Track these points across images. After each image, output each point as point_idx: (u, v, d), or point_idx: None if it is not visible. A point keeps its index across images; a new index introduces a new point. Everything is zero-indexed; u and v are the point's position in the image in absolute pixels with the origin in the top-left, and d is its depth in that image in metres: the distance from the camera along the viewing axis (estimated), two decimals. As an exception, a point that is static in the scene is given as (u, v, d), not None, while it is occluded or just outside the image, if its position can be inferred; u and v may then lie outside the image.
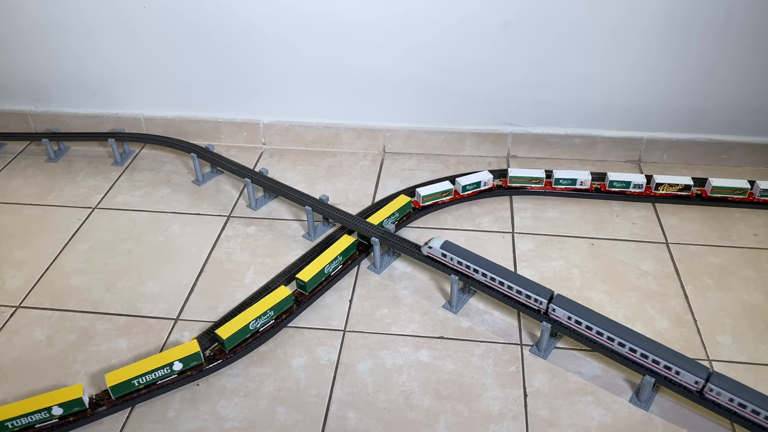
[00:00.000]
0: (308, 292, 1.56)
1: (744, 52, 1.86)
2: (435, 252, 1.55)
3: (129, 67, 2.13)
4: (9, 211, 1.95)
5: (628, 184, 1.87)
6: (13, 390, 1.40)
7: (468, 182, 1.88)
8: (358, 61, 2.01)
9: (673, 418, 1.32)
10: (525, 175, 1.91)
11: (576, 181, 1.88)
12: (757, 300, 1.58)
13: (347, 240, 1.66)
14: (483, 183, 1.89)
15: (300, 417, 1.33)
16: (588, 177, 1.89)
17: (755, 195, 1.85)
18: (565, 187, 1.88)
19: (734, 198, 1.86)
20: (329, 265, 1.60)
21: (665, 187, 1.84)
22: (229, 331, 1.42)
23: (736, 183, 1.85)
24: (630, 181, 1.87)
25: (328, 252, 1.62)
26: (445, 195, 1.87)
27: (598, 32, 1.87)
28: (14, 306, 1.62)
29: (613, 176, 1.88)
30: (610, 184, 1.88)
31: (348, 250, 1.65)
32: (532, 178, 1.90)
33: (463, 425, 1.31)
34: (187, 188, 2.03)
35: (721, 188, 1.85)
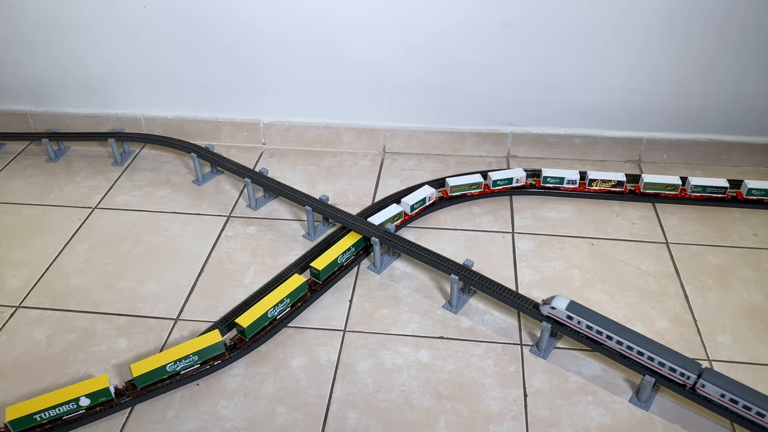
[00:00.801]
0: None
1: (744, 51, 1.86)
2: (558, 313, 1.39)
3: (129, 67, 2.13)
4: (9, 211, 1.95)
5: (562, 180, 1.88)
6: (13, 390, 1.40)
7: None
8: (359, 61, 2.01)
9: (673, 418, 1.32)
10: (556, 175, 1.90)
11: (512, 179, 1.89)
12: (757, 300, 1.58)
13: (296, 280, 1.59)
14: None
15: (300, 417, 1.33)
16: (523, 174, 1.90)
17: (686, 191, 1.88)
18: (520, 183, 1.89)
19: (666, 194, 1.87)
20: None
21: (598, 183, 1.85)
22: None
23: (668, 179, 1.87)
24: (564, 177, 1.88)
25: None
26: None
27: (598, 32, 1.87)
28: (14, 306, 1.62)
29: (547, 172, 1.89)
30: (544, 180, 1.89)
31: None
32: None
33: (463, 425, 1.31)
34: (187, 188, 2.03)
35: (653, 184, 1.87)
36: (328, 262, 1.60)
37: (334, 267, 1.63)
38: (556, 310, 1.39)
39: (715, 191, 1.85)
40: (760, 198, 1.85)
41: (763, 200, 1.85)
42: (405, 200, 1.83)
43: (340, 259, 1.64)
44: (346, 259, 1.66)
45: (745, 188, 1.85)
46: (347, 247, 1.65)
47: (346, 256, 1.66)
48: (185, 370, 1.39)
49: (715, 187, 1.85)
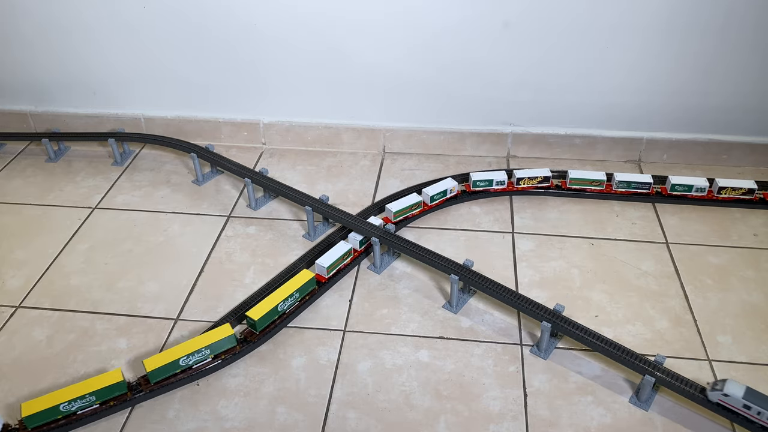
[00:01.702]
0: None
1: (744, 51, 1.86)
2: (732, 401, 1.23)
3: (129, 67, 2.13)
4: (9, 211, 1.95)
5: (491, 182, 1.88)
6: (13, 390, 1.40)
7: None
8: (359, 61, 2.01)
9: (673, 418, 1.32)
10: (585, 177, 1.90)
11: (446, 191, 1.88)
12: (757, 300, 1.58)
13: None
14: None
15: (300, 417, 1.33)
16: (454, 184, 1.90)
17: (612, 186, 1.89)
18: None
19: (592, 189, 1.88)
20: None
21: (525, 180, 1.86)
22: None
23: (594, 175, 1.89)
24: (492, 179, 1.88)
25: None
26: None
27: (598, 32, 1.87)
28: (14, 306, 1.62)
29: (475, 176, 1.89)
30: (474, 184, 1.89)
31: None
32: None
33: (463, 425, 1.31)
34: (187, 188, 2.03)
35: (578, 180, 1.89)
36: (266, 311, 1.47)
37: (273, 316, 1.50)
38: (729, 397, 1.23)
39: (639, 186, 1.88)
40: (684, 194, 1.88)
41: (687, 195, 1.88)
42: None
43: (281, 307, 1.51)
44: (289, 306, 1.53)
45: (669, 183, 1.88)
46: (290, 293, 1.52)
47: (288, 303, 1.52)
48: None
49: (640, 182, 1.87)
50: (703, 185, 1.86)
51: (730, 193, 1.86)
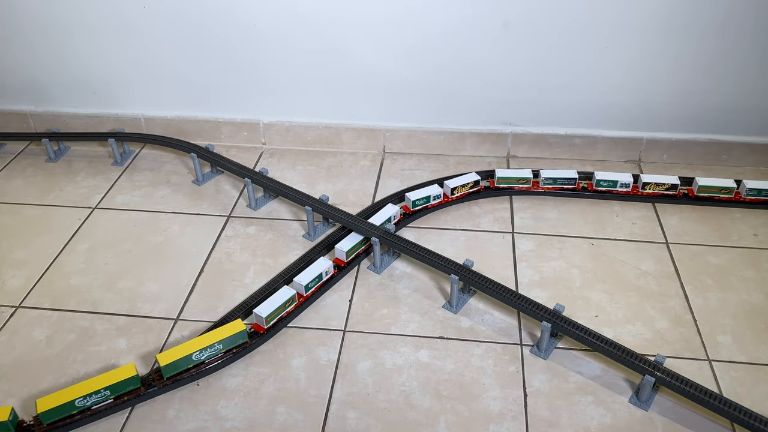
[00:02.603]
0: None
1: (744, 50, 1.86)
2: None
3: (129, 66, 2.13)
4: (9, 211, 1.95)
5: (428, 199, 1.86)
6: (13, 390, 1.40)
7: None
8: (359, 61, 2.01)
9: (673, 418, 1.32)
10: (610, 178, 1.90)
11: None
12: (757, 300, 1.58)
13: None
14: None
15: (300, 417, 1.33)
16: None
17: (538, 184, 1.91)
18: None
19: (519, 187, 1.90)
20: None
21: (458, 189, 1.85)
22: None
23: (519, 173, 1.91)
24: (429, 195, 1.86)
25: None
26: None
27: (598, 31, 1.87)
28: (14, 306, 1.62)
29: (412, 195, 1.85)
30: (413, 204, 1.85)
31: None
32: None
33: (463, 425, 1.31)
34: (187, 188, 2.03)
35: (506, 178, 1.90)
36: (178, 357, 1.36)
37: (186, 364, 1.38)
38: None
39: (565, 182, 1.90)
40: (609, 189, 1.90)
41: (612, 191, 1.90)
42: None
43: (197, 356, 1.39)
44: (207, 356, 1.40)
45: (594, 179, 1.91)
46: (211, 343, 1.40)
47: (207, 354, 1.40)
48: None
49: (566, 178, 1.90)
50: (628, 181, 1.89)
51: (655, 189, 1.88)
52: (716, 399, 1.26)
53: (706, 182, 1.87)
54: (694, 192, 1.89)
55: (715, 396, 1.27)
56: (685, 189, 1.91)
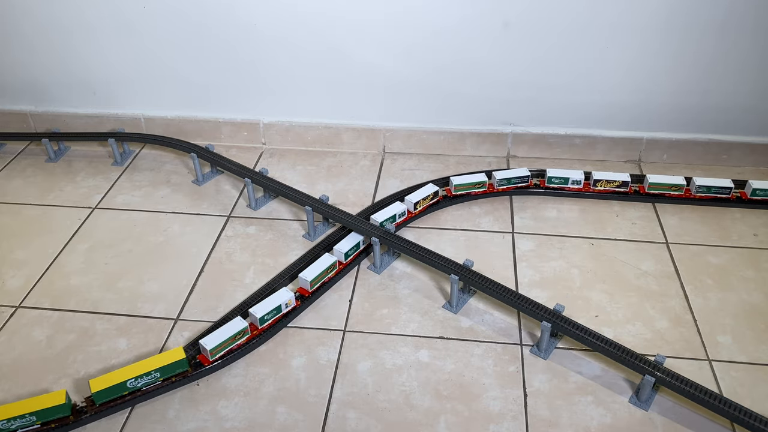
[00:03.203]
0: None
1: (743, 50, 1.86)
2: None
3: (129, 66, 2.13)
4: (9, 211, 1.95)
5: (567, 181, 1.90)
6: (13, 390, 1.40)
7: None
8: (359, 61, 2.01)
9: (673, 418, 1.32)
10: (609, 178, 1.91)
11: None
12: (757, 300, 1.58)
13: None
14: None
15: (300, 417, 1.33)
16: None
17: (494, 186, 1.91)
18: None
19: (476, 192, 1.90)
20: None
21: (420, 203, 1.83)
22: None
23: (475, 178, 1.91)
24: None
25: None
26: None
27: (597, 31, 1.87)
28: (14, 306, 1.62)
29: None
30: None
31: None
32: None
33: (463, 425, 1.31)
34: (187, 188, 2.03)
35: (462, 185, 1.89)
36: (111, 384, 1.31)
37: (119, 391, 1.33)
38: None
39: (518, 181, 1.91)
40: (560, 186, 1.92)
41: (563, 188, 1.91)
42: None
43: (131, 383, 1.34)
44: (143, 384, 1.35)
45: (547, 177, 1.92)
46: (147, 371, 1.35)
47: (143, 382, 1.35)
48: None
49: (518, 177, 1.91)
50: (579, 178, 1.91)
51: (606, 186, 1.90)
52: (716, 399, 1.26)
53: (656, 179, 1.88)
54: (645, 189, 1.90)
55: (715, 396, 1.27)
56: (637, 186, 1.92)
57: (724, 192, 1.86)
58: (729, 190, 1.86)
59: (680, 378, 1.30)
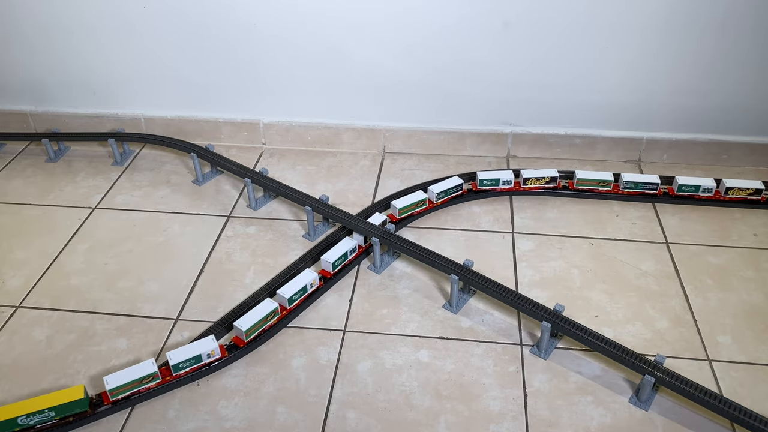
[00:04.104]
0: None
1: (743, 50, 1.86)
2: None
3: (129, 67, 2.13)
4: (9, 211, 1.95)
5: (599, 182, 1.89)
6: (13, 390, 1.40)
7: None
8: (359, 61, 2.01)
9: (673, 418, 1.32)
10: (492, 177, 1.91)
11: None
12: (757, 300, 1.58)
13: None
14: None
15: (300, 417, 1.33)
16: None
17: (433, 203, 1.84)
18: None
19: (417, 211, 1.85)
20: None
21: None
22: None
23: (417, 194, 1.87)
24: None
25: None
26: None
27: (597, 31, 1.87)
28: (14, 306, 1.62)
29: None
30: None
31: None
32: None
33: (463, 425, 1.31)
34: (187, 188, 2.03)
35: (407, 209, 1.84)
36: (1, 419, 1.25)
37: (11, 427, 1.27)
38: None
39: (454, 191, 1.89)
40: (492, 188, 1.92)
41: (495, 189, 1.92)
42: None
43: (23, 420, 1.27)
44: (36, 422, 1.29)
45: (477, 180, 1.91)
46: (41, 409, 1.28)
47: (36, 419, 1.28)
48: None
49: (454, 187, 1.88)
50: (509, 178, 1.91)
51: (535, 183, 1.90)
52: (716, 399, 1.26)
53: (584, 175, 1.90)
54: (573, 185, 1.91)
55: (715, 396, 1.27)
56: (566, 182, 1.93)
57: (652, 188, 1.88)
58: (656, 186, 1.88)
59: (680, 378, 1.30)
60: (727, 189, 1.86)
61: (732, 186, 1.86)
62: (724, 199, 1.87)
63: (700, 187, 1.87)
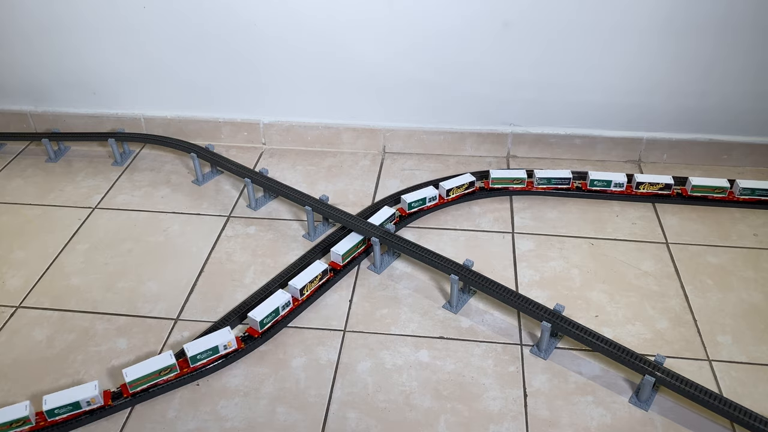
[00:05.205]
0: None
1: (743, 50, 1.86)
2: None
3: (129, 67, 2.13)
4: (9, 211, 1.95)
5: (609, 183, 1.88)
6: (13, 390, 1.40)
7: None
8: (359, 61, 2.01)
9: (673, 418, 1.32)
10: (457, 184, 1.90)
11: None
12: (757, 300, 1.58)
13: None
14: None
15: (300, 417, 1.33)
16: None
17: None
18: None
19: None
20: None
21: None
22: None
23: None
24: None
25: None
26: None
27: (598, 31, 1.87)
28: (14, 306, 1.62)
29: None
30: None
31: None
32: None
33: (463, 425, 1.31)
34: (187, 188, 2.03)
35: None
36: None
37: None
38: None
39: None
40: (460, 196, 1.90)
41: (462, 196, 1.91)
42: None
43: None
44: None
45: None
46: None
47: None
48: None
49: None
50: (470, 179, 1.90)
51: (456, 192, 1.88)
52: (716, 399, 1.26)
53: (499, 174, 1.91)
54: (489, 184, 1.92)
55: (715, 396, 1.27)
56: (482, 183, 1.94)
57: (564, 183, 1.91)
58: (568, 180, 1.91)
59: (680, 378, 1.30)
60: (638, 184, 1.88)
61: (642, 181, 1.88)
62: (636, 194, 1.90)
63: (611, 182, 1.89)
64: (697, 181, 1.87)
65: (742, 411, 1.24)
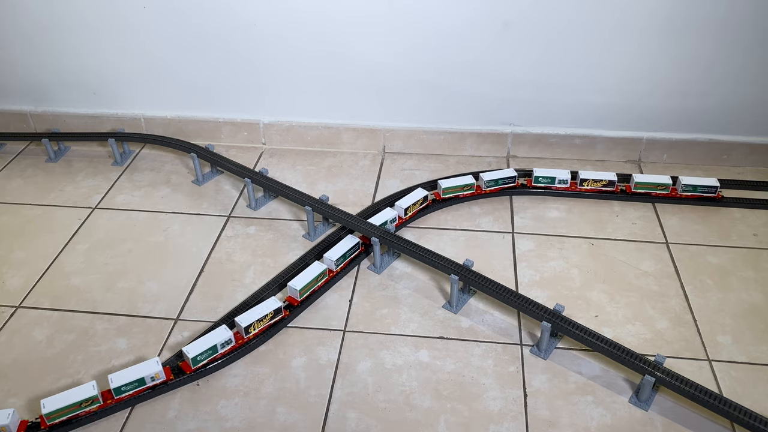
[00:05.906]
0: None
1: (743, 50, 1.86)
2: None
3: (129, 67, 2.13)
4: (9, 211, 1.95)
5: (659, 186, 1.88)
6: (13, 390, 1.40)
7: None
8: (359, 61, 2.01)
9: (673, 418, 1.32)
10: (651, 181, 1.89)
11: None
12: (757, 300, 1.58)
13: None
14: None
15: (300, 417, 1.33)
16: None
17: None
18: None
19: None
20: None
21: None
22: None
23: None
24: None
25: None
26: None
27: (598, 31, 1.87)
28: (14, 306, 1.62)
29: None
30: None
31: None
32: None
33: (463, 425, 1.31)
34: (187, 188, 2.03)
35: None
36: None
37: None
38: None
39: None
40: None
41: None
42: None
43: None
44: None
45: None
46: None
47: None
48: None
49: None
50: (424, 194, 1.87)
51: (413, 210, 1.84)
52: (716, 399, 1.26)
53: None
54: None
55: (715, 396, 1.27)
56: (433, 194, 1.91)
57: (510, 182, 1.92)
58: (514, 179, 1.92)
59: (680, 378, 1.30)
60: (582, 180, 1.90)
61: (586, 177, 1.90)
62: (581, 190, 1.91)
63: (555, 179, 1.91)
64: (640, 178, 1.88)
65: (742, 411, 1.24)
